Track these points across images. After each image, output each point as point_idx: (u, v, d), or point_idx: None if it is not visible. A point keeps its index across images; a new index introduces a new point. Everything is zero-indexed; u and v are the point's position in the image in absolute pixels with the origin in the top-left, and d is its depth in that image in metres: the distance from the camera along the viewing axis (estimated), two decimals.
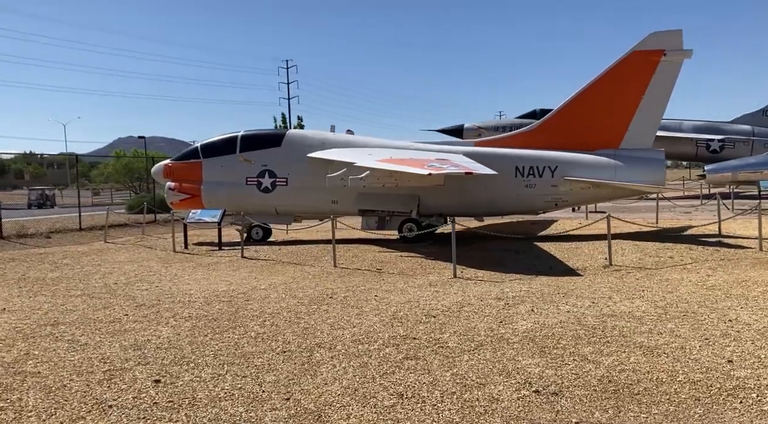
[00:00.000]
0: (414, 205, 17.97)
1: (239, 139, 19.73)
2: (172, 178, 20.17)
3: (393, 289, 11.20)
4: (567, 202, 18.17)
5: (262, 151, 19.39)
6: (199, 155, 19.94)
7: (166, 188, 20.25)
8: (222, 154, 19.72)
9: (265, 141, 19.69)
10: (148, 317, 9.44)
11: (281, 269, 14.29)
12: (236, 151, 19.51)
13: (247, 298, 10.74)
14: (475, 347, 7.14)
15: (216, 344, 7.78)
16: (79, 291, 11.92)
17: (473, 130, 34.56)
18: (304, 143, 19.27)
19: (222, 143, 20.18)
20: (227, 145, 19.84)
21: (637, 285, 10.78)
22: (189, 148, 20.51)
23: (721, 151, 33.12)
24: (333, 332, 8.09)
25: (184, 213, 19.66)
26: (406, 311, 9.22)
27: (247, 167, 19.34)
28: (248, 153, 19.39)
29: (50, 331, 8.66)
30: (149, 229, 24.64)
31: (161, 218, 27.28)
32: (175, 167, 20.24)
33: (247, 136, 19.93)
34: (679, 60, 17.32)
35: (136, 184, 64.90)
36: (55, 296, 11.43)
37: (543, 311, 8.89)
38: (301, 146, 19.17)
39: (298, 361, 6.92)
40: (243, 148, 19.50)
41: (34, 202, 50.92)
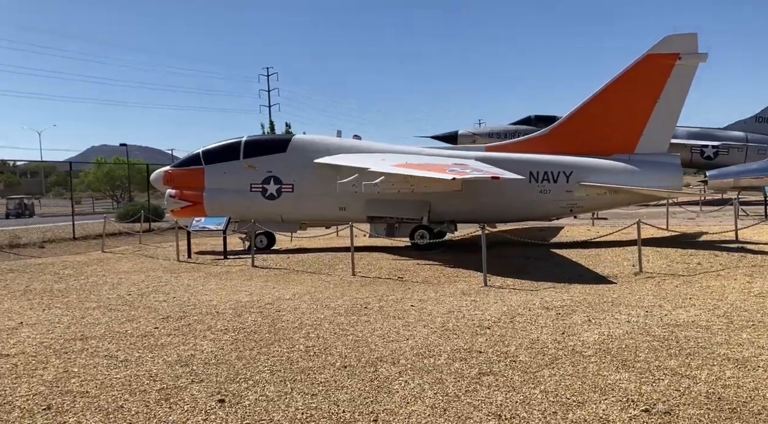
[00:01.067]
0: (425, 211, 17.56)
1: (243, 145, 19.20)
2: (172, 186, 19.53)
3: (426, 298, 10.75)
4: (582, 208, 17.90)
5: (267, 157, 18.87)
6: (201, 161, 19.34)
7: (167, 196, 19.60)
8: (225, 161, 19.16)
9: (269, 147, 19.18)
10: (181, 329, 8.88)
11: (297, 278, 13.78)
12: (240, 157, 18.97)
13: (277, 309, 10.22)
14: (550, 360, 6.71)
15: (266, 358, 7.27)
16: (93, 303, 11.30)
17: (467, 136, 34.33)
18: (310, 149, 18.78)
19: (224, 149, 19.62)
20: (230, 151, 19.28)
21: (680, 293, 10.46)
22: (190, 155, 19.89)
23: (716, 157, 33.26)
24: (388, 345, 7.62)
25: (185, 221, 19.05)
26: (454, 321, 8.79)
27: (251, 173, 18.80)
28: (252, 159, 18.85)
29: (81, 346, 8.08)
30: (145, 238, 23.86)
31: (156, 227, 26.54)
32: (176, 174, 19.62)
33: (251, 142, 19.41)
34: (694, 63, 17.19)
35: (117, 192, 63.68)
36: (70, 309, 10.81)
37: (600, 320, 8.51)
38: (307, 152, 18.68)
39: (364, 377, 6.45)
40: (247, 154, 18.97)
41: (12, 211, 49.46)
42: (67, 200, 69.87)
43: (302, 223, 19.29)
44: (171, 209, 19.64)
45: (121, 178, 60.18)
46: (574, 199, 17.47)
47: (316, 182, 18.32)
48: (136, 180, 64.50)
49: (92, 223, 27.31)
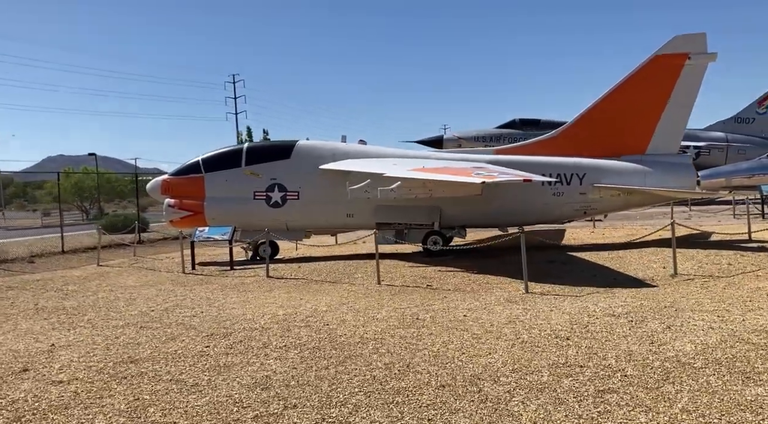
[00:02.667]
0: (436, 216, 17.19)
1: (244, 152, 18.60)
2: (170, 195, 18.76)
3: (473, 307, 10.36)
4: (596, 210, 17.73)
5: (270, 164, 18.29)
6: (201, 169, 18.65)
7: (165, 205, 18.80)
8: (226, 168, 18.51)
9: (272, 153, 18.60)
10: (235, 348, 8.31)
11: (319, 288, 13.26)
12: (241, 164, 18.34)
13: (323, 322, 9.71)
14: (664, 375, 6.35)
15: (349, 378, 6.79)
16: (120, 321, 10.62)
17: (453, 140, 34.09)
18: (315, 154, 18.26)
19: (225, 156, 18.99)
20: (231, 159, 18.66)
21: (734, 295, 10.27)
22: (189, 162, 19.14)
23: (697, 158, 33.61)
24: (475, 361, 7.20)
25: (187, 232, 18.32)
26: (525, 332, 8.40)
27: (254, 181, 18.18)
28: (255, 166, 18.24)
29: (137, 369, 7.46)
30: (138, 250, 22.92)
31: (146, 238, 25.59)
32: (174, 183, 18.88)
33: (253, 149, 18.85)
34: (704, 63, 17.18)
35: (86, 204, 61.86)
36: (96, 328, 10.14)
37: (680, 328, 8.22)
38: (312, 158, 18.16)
39: (472, 398, 6.02)
40: (249, 161, 18.36)
41: None
42: (29, 212, 67.63)
43: (308, 231, 18.71)
44: (170, 220, 18.84)
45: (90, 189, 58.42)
46: (588, 201, 17.30)
47: (323, 189, 17.80)
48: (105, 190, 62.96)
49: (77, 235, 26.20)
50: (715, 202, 31.39)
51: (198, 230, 17.80)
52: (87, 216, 57.55)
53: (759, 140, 35.13)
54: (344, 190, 16.69)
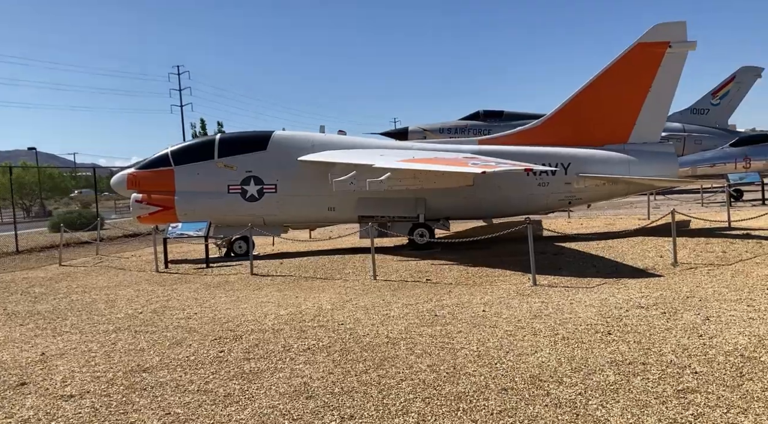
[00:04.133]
0: (422, 209, 16.72)
1: (217, 144, 17.69)
2: (137, 189, 17.72)
3: (488, 302, 9.94)
4: (581, 200, 17.57)
5: (246, 156, 17.45)
6: (170, 162, 17.65)
7: (132, 201, 17.76)
8: (197, 161, 17.57)
9: (247, 144, 17.74)
10: (254, 352, 7.66)
11: (312, 285, 12.66)
12: (214, 156, 17.45)
13: (336, 321, 9.15)
14: (737, 371, 6.03)
15: (395, 382, 6.28)
16: (108, 325, 9.80)
17: (418, 132, 33.72)
18: (293, 146, 17.53)
19: (197, 148, 18.10)
20: (203, 151, 17.75)
21: (749, 284, 10.16)
22: (157, 155, 18.11)
23: None
24: (524, 360, 6.77)
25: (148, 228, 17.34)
26: (559, 327, 8.01)
27: (229, 174, 17.33)
28: (229, 158, 17.38)
29: (153, 379, 6.75)
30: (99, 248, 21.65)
31: (105, 235, 24.26)
32: (141, 177, 17.82)
33: (227, 140, 17.95)
34: (684, 52, 17.18)
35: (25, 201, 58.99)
36: (85, 333, 9.31)
37: (718, 319, 7.98)
38: (290, 149, 17.42)
39: (545, 402, 5.57)
40: (222, 153, 17.48)
41: None
42: None
43: (286, 225, 17.99)
44: (138, 216, 17.81)
45: (30, 185, 55.72)
46: (572, 191, 17.13)
47: (302, 181, 17.12)
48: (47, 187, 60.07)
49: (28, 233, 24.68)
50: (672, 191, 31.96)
51: (171, 226, 16.85)
52: (28, 214, 54.91)
53: (714, 130, 36.02)
54: (325, 183, 16.05)
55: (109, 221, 29.79)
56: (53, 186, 60.07)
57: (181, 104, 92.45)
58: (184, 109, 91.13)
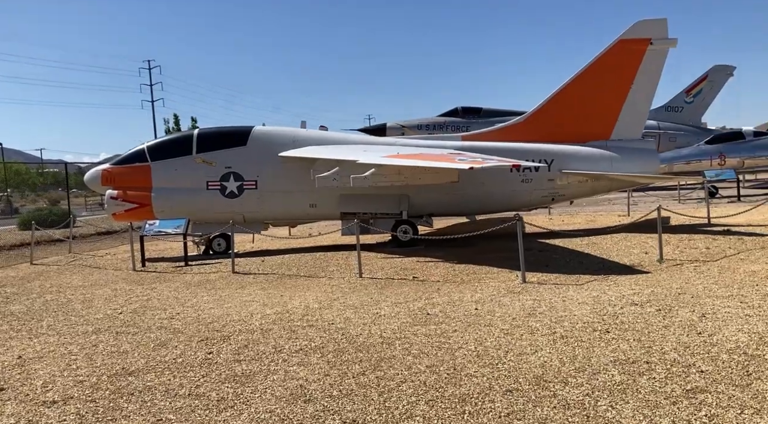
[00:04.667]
0: (405, 205, 16.54)
1: (195, 138, 17.31)
2: (113, 186, 17.26)
3: (478, 300, 9.79)
4: (564, 197, 17.55)
5: (225, 152, 17.11)
6: (147, 158, 17.23)
7: (107, 197, 17.29)
8: (175, 156, 17.18)
9: (227, 140, 17.39)
10: (244, 353, 7.40)
11: (296, 283, 12.40)
12: (192, 152, 17.08)
13: (327, 321, 8.91)
14: (743, 370, 5.92)
15: (395, 384, 6.08)
16: (87, 326, 9.45)
17: (396, 129, 33.48)
18: (274, 141, 17.23)
19: (174, 143, 17.73)
20: (181, 146, 17.38)
21: (737, 279, 10.13)
22: (132, 150, 17.67)
23: None
24: (526, 359, 6.61)
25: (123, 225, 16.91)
26: (556, 325, 7.88)
27: (207, 170, 16.97)
28: (207, 154, 17.01)
29: (140, 383, 6.47)
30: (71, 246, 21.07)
31: (77, 233, 23.61)
32: (117, 173, 17.38)
33: (205, 135, 17.55)
34: (665, 49, 17.24)
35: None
36: (63, 335, 8.96)
37: (714, 316, 7.89)
38: (270, 145, 17.12)
39: (552, 403, 5.41)
40: (200, 148, 17.13)
41: None
42: None
43: (266, 222, 17.66)
44: (113, 213, 17.34)
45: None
46: (556, 187, 17.09)
47: (283, 178, 16.84)
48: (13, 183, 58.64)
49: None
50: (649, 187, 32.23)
51: (148, 224, 16.43)
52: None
53: (688, 128, 36.43)
54: (307, 179, 15.82)
55: (81, 218, 29.06)
56: (20, 182, 58.66)
57: (152, 100, 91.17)
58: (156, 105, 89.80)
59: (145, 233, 16.26)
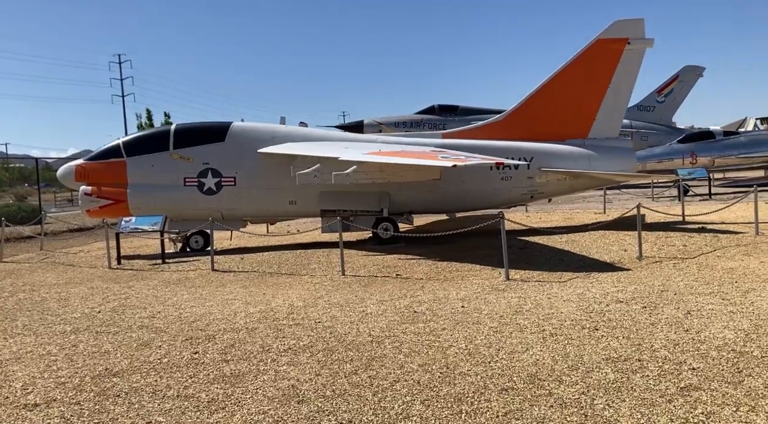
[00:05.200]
0: (386, 203, 16.48)
1: (172, 134, 17.05)
2: (87, 182, 16.91)
3: (464, 297, 9.77)
4: (543, 194, 17.64)
5: (203, 147, 16.89)
6: (122, 153, 16.92)
7: (81, 193, 16.94)
8: (151, 152, 16.90)
9: (205, 135, 17.16)
10: (231, 353, 7.28)
11: (278, 281, 12.27)
12: (169, 147, 16.81)
13: (313, 319, 8.81)
14: (733, 367, 5.96)
15: (388, 383, 6.01)
16: (65, 325, 9.22)
17: (373, 126, 33.42)
18: (253, 137, 17.05)
19: (150, 139, 17.46)
20: (157, 141, 17.11)
21: (716, 277, 10.27)
22: (107, 146, 17.33)
23: None
24: (518, 357, 6.59)
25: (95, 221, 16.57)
26: (544, 323, 7.89)
27: (185, 166, 16.73)
28: (185, 150, 16.77)
29: (125, 384, 6.31)
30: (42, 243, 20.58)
31: (49, 229, 23.10)
32: (91, 168, 17.04)
33: (183, 130, 17.28)
34: (642, 48, 17.42)
35: None
36: (40, 335, 8.72)
37: (699, 313, 7.97)
38: (249, 141, 16.94)
39: (549, 402, 5.39)
40: (177, 144, 16.88)
41: None
42: None
43: (245, 219, 17.46)
44: (87, 209, 16.99)
45: None
46: (535, 185, 17.17)
47: (263, 174, 16.67)
48: None
49: None
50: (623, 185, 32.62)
51: (124, 220, 16.14)
52: None
53: (660, 127, 36.95)
54: (287, 176, 15.67)
55: (50, 214, 28.44)
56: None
57: (123, 94, 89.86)
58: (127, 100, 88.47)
59: (121, 230, 15.96)
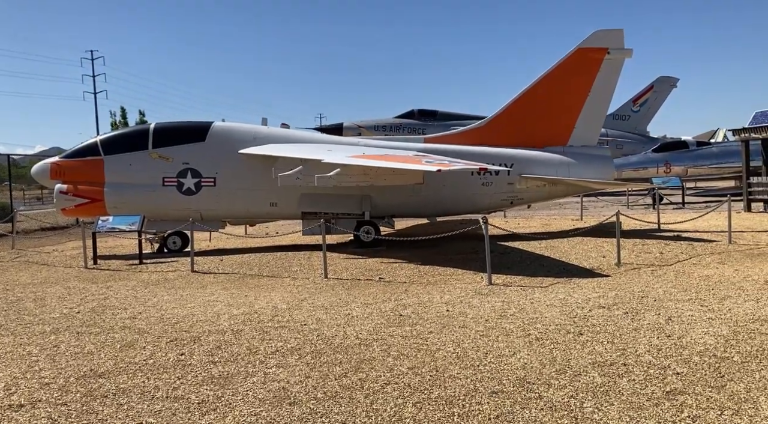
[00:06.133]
0: (367, 206, 16.51)
1: (151, 133, 16.87)
2: (62, 180, 16.66)
3: (448, 301, 9.83)
4: (522, 200, 17.80)
5: (182, 147, 16.76)
6: (99, 152, 16.71)
7: (56, 192, 16.67)
8: (129, 150, 16.71)
9: (184, 135, 17.01)
10: (216, 354, 7.23)
11: (259, 283, 12.23)
12: (148, 146, 16.64)
13: (298, 322, 8.79)
14: (715, 371, 6.07)
15: (379, 386, 6.02)
16: (44, 326, 9.08)
17: (353, 129, 33.43)
18: (234, 138, 16.96)
19: (128, 137, 17.27)
20: (136, 140, 16.92)
21: (693, 284, 10.48)
22: (84, 144, 17.11)
23: None
24: (506, 361, 6.66)
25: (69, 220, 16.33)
26: (529, 327, 7.98)
27: (164, 165, 16.57)
28: (164, 149, 16.62)
29: (111, 385, 6.23)
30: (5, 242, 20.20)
31: (20, 228, 22.68)
32: (67, 166, 16.80)
33: (162, 129, 17.10)
34: (621, 58, 17.71)
35: None
36: (19, 335, 8.59)
37: (679, 319, 8.12)
38: (230, 141, 16.85)
39: (539, 405, 5.45)
40: (157, 143, 16.72)
41: None
42: None
43: (224, 220, 17.34)
44: (62, 208, 16.73)
45: None
46: (515, 191, 17.33)
47: (243, 175, 16.58)
48: None
49: None
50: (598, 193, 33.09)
51: (101, 220, 15.92)
52: None
53: (635, 136, 37.57)
54: (267, 177, 15.64)
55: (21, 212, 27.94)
56: None
57: (95, 91, 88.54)
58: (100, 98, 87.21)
59: (98, 230, 15.75)
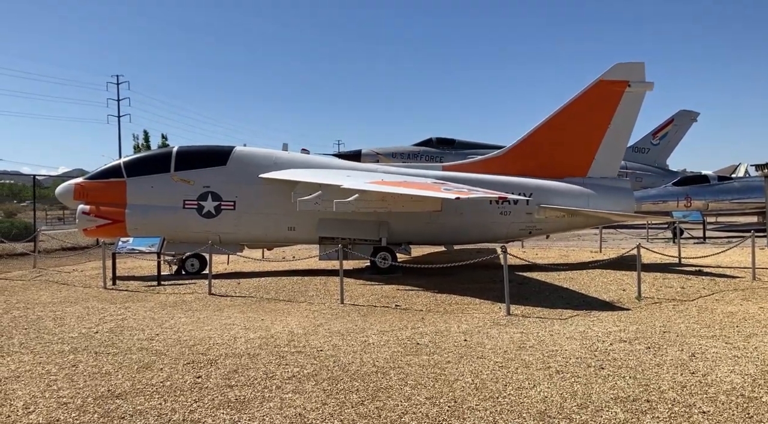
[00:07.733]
0: (384, 232, 16.51)
1: (174, 156, 17.06)
2: (85, 201, 16.87)
3: (466, 331, 9.74)
4: (541, 231, 17.70)
5: (204, 171, 16.93)
6: (123, 174, 16.93)
7: (79, 212, 16.86)
8: (152, 173, 16.91)
9: (206, 159, 17.18)
10: (234, 379, 7.20)
11: (276, 307, 12.19)
12: (170, 169, 16.83)
13: (314, 347, 8.75)
14: (743, 411, 5.99)
15: (397, 416, 5.99)
16: (63, 345, 9.10)
17: (371, 155, 33.57)
18: (254, 162, 17.10)
19: (152, 160, 17.44)
20: (159, 163, 17.11)
21: (717, 320, 10.29)
22: (108, 165, 17.34)
23: None
24: (526, 394, 6.56)
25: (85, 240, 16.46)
26: (549, 360, 7.88)
27: (185, 188, 16.73)
28: (186, 172, 16.79)
29: (129, 407, 6.23)
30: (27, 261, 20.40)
31: (42, 247, 22.92)
32: (90, 187, 17.01)
33: (185, 153, 17.29)
34: (642, 91, 17.71)
35: None
36: (38, 354, 8.62)
37: (703, 356, 7.99)
38: (251, 165, 17.00)
39: None
40: (179, 166, 16.91)
41: None
42: None
43: (242, 244, 17.41)
44: (84, 228, 16.90)
45: None
46: (533, 221, 17.26)
47: (263, 199, 16.69)
48: None
49: None
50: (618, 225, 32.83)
51: (121, 241, 16.05)
52: None
53: (654, 169, 37.36)
54: (286, 202, 15.75)
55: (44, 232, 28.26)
56: None
57: (119, 115, 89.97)
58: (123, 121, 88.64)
59: (119, 251, 15.87)
